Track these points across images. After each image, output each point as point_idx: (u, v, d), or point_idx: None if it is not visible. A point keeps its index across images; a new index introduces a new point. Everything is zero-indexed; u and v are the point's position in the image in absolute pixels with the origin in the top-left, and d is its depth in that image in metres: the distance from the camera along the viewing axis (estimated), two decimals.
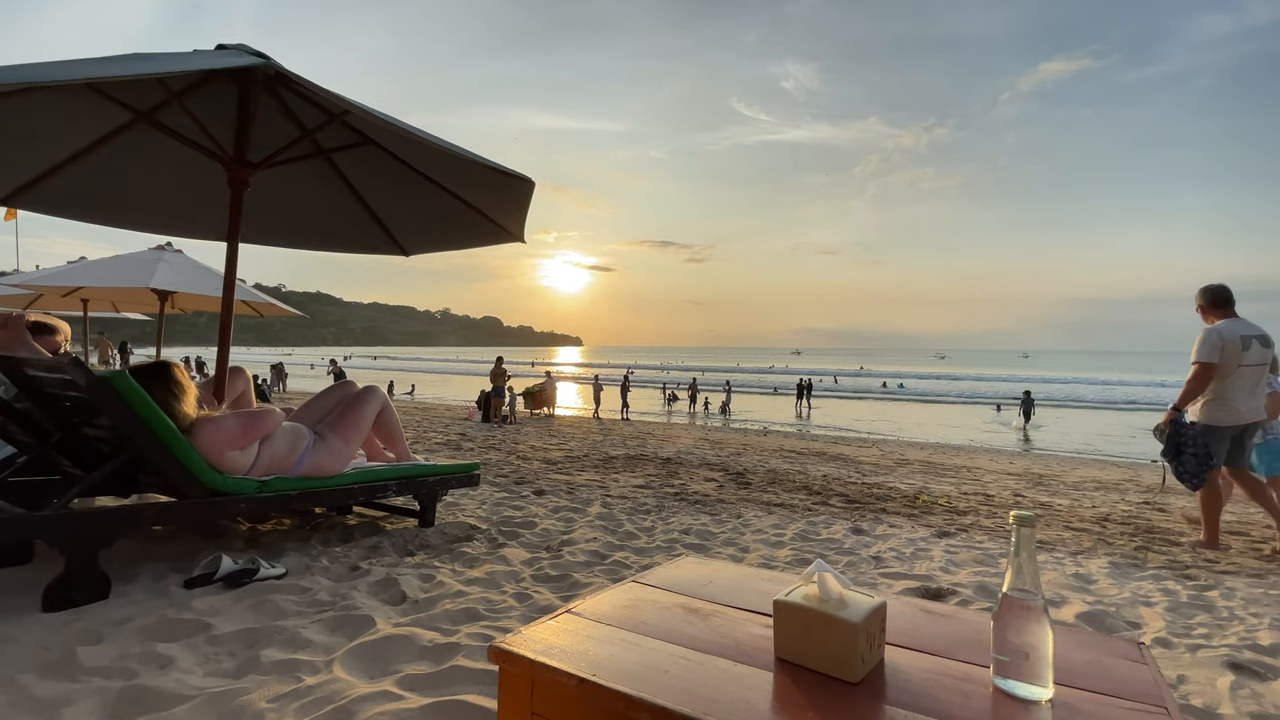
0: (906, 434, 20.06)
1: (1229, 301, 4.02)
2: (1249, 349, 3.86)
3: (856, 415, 26.78)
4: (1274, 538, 4.35)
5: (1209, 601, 2.93)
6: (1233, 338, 3.86)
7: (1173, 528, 4.99)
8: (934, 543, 3.91)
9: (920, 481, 7.64)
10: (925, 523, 4.57)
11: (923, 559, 3.49)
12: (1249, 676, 2.10)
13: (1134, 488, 8.51)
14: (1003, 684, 0.91)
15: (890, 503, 5.43)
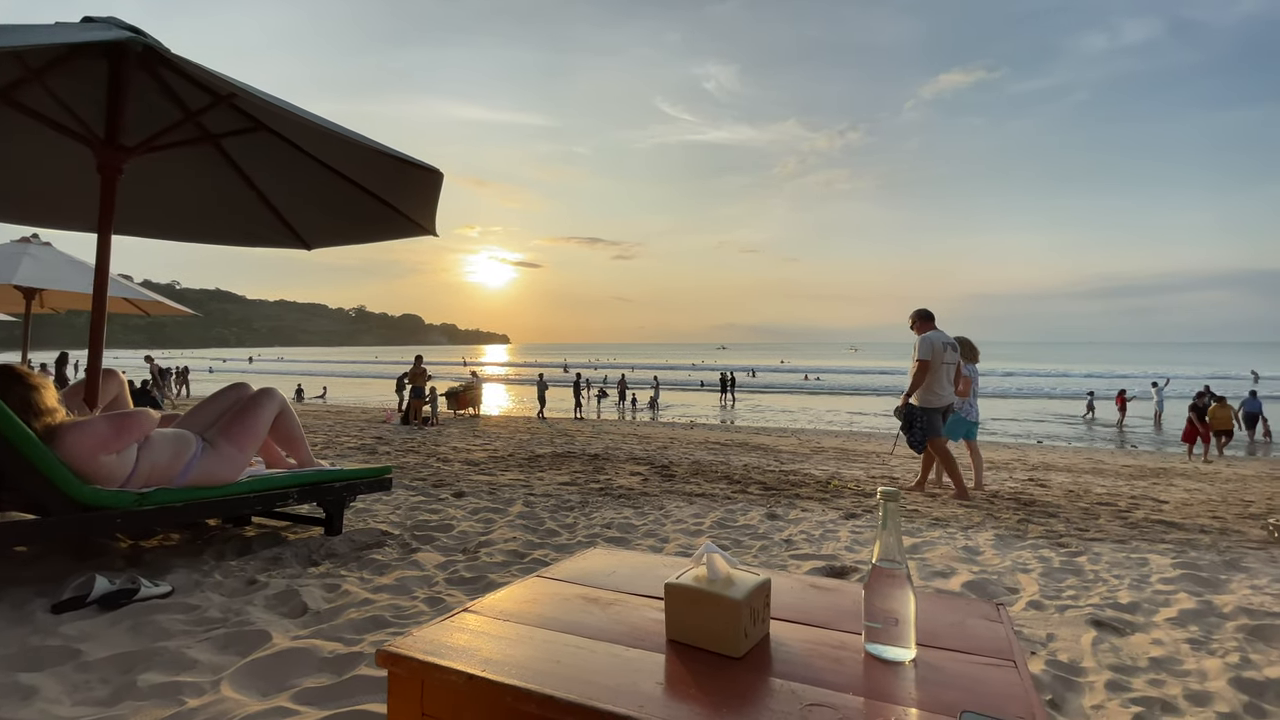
0: (823, 423, 21.00)
1: (932, 318, 5.68)
2: (948, 352, 5.51)
3: (778, 407, 27.78)
4: (948, 488, 5.97)
5: (1078, 566, 3.25)
6: (939, 343, 5.47)
7: (1051, 501, 5.49)
8: (842, 524, 4.11)
9: (833, 468, 8.02)
10: (835, 506, 4.80)
11: (830, 540, 3.67)
12: (1109, 632, 2.34)
13: (1020, 466, 9.29)
14: (873, 649, 0.97)
15: (804, 489, 5.67)
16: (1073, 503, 5.46)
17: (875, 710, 0.81)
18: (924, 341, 5.47)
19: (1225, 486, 7.64)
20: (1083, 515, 4.83)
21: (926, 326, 5.61)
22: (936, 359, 5.43)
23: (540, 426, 14.47)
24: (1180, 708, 1.78)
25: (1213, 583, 2.98)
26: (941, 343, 5.47)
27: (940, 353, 5.44)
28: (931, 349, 5.42)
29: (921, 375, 5.45)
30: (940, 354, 5.44)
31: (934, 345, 5.43)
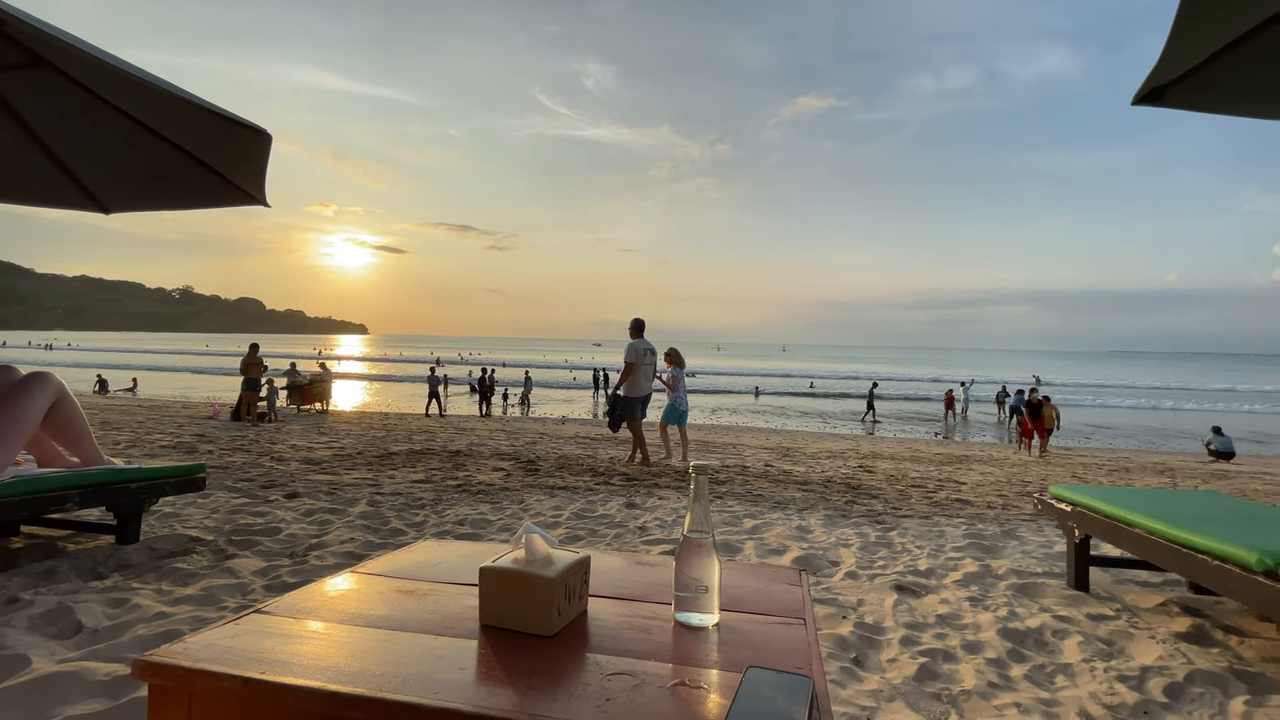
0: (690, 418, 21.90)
1: (641, 328, 7.26)
2: (647, 355, 7.16)
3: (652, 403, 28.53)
4: (663, 460, 7.72)
5: (890, 540, 3.66)
6: (641, 349, 7.12)
7: (875, 485, 6.15)
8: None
9: (692, 457, 8.39)
10: (689, 493, 5.01)
11: (680, 525, 3.82)
12: (908, 595, 2.66)
13: (853, 455, 10.31)
14: (681, 617, 1.02)
15: (663, 479, 5.86)
16: (891, 485, 6.16)
17: (670, 672, 0.84)
18: (629, 347, 7.10)
19: (1011, 470, 9.03)
20: (899, 496, 5.47)
21: (635, 335, 7.20)
22: (638, 361, 7.03)
23: (399, 423, 13.64)
24: (958, 656, 2.06)
25: (993, 549, 3.50)
26: (643, 348, 7.10)
27: (641, 356, 7.04)
28: (635, 353, 7.03)
29: (627, 373, 7.08)
30: (641, 357, 7.04)
31: (637, 350, 7.05)
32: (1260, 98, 2.26)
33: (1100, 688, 1.86)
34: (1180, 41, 1.83)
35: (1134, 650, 2.13)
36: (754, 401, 31.26)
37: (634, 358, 7.05)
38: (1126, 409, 32.51)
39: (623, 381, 7.19)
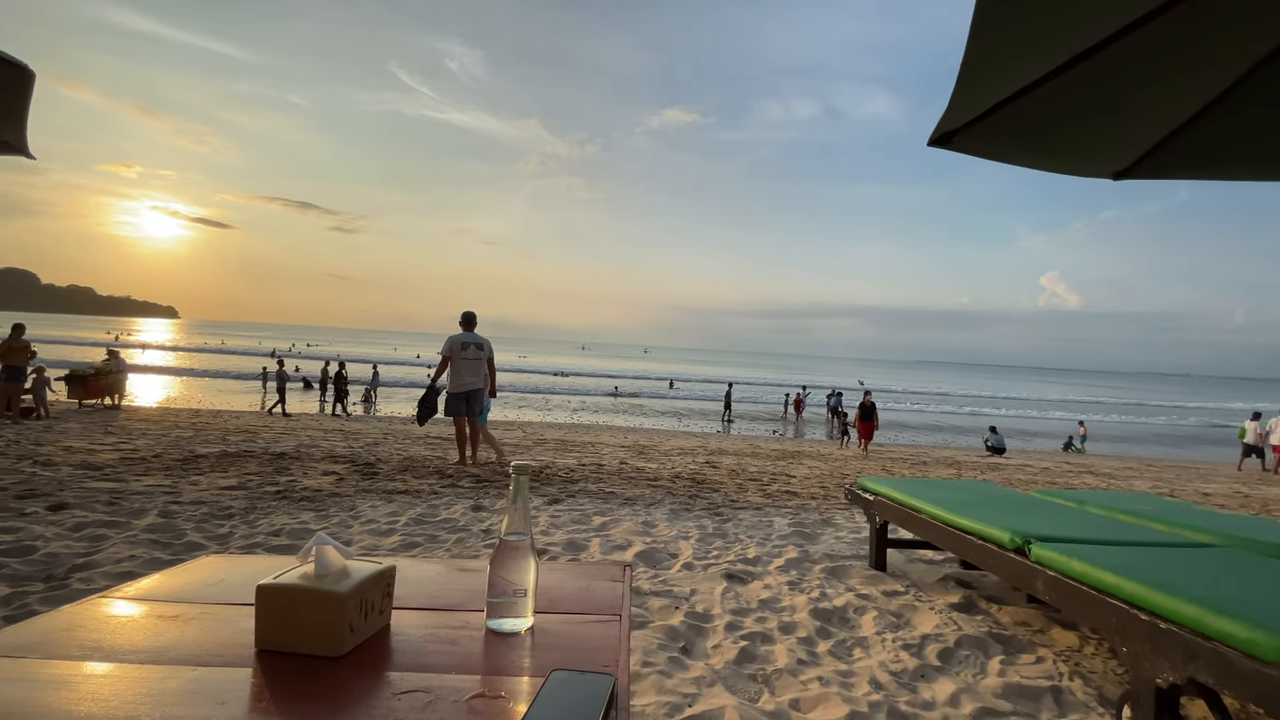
0: (551, 417, 21.70)
1: (469, 321, 6.94)
2: (467, 349, 6.80)
3: (513, 401, 27.83)
4: (496, 461, 7.37)
5: (725, 531, 3.89)
6: (458, 343, 6.77)
7: (718, 479, 6.52)
8: (543, 510, 4.25)
9: (551, 457, 8.31)
10: (542, 493, 4.95)
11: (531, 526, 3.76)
12: (737, 583, 2.83)
13: (703, 451, 10.86)
14: (492, 623, 0.98)
15: None
16: (732, 480, 6.56)
17: (472, 684, 0.80)
18: (447, 341, 6.84)
19: (834, 465, 10.03)
20: (737, 489, 5.84)
21: (465, 328, 6.90)
22: (453, 354, 6.76)
23: (212, 421, 12.01)
24: (775, 637, 2.23)
25: (812, 536, 3.84)
26: (461, 342, 6.78)
27: (459, 350, 6.76)
28: (449, 346, 6.78)
29: (442, 367, 6.80)
30: (459, 351, 6.76)
31: (451, 343, 6.77)
32: (1029, 149, 2.71)
33: (888, 656, 2.11)
34: (962, 95, 2.13)
35: (917, 621, 2.45)
36: (614, 400, 31.80)
37: (447, 351, 6.79)
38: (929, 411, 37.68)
39: (438, 375, 6.92)
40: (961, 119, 2.33)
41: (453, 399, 6.76)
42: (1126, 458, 17.14)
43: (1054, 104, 2.38)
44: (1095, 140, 2.66)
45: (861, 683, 1.91)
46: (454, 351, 6.76)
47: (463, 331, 6.87)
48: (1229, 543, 2.41)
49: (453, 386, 6.75)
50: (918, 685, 1.93)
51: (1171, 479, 11.16)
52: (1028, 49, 2.02)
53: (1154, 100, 2.49)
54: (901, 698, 1.84)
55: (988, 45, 1.87)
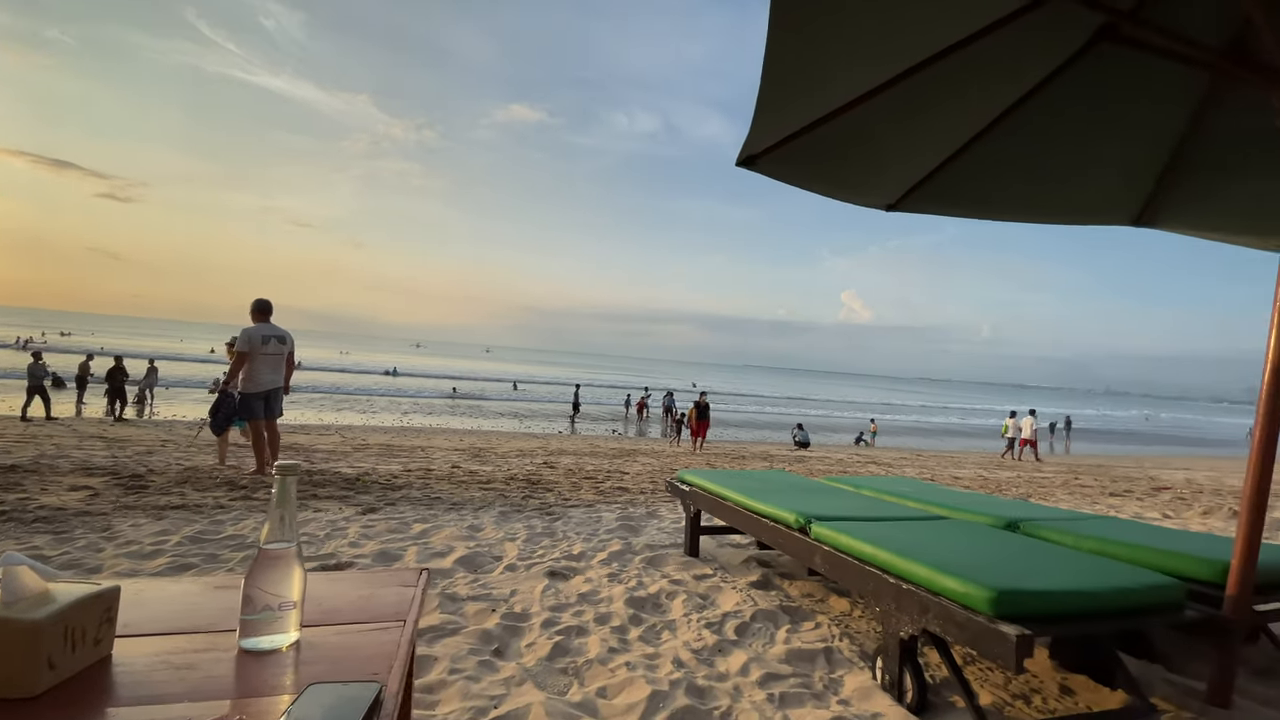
0: (377, 420, 20.09)
1: (266, 311, 6.10)
2: (268, 343, 5.98)
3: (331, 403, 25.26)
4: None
5: (554, 529, 3.90)
6: (257, 336, 5.92)
7: (554, 479, 6.51)
8: (355, 520, 3.93)
9: (372, 463, 7.70)
10: (356, 502, 4.57)
11: (337, 538, 3.45)
12: (559, 579, 2.85)
13: (542, 452, 10.79)
14: (246, 643, 0.88)
15: (327, 488, 5.24)
16: (568, 479, 6.60)
17: (210, 711, 0.72)
18: (243, 334, 5.98)
19: (666, 461, 10.53)
20: (572, 488, 5.89)
21: (257, 318, 6.07)
22: (254, 349, 5.92)
23: None
24: (590, 629, 2.28)
25: (637, 529, 4.00)
26: (261, 335, 5.97)
27: (259, 344, 5.94)
28: (248, 341, 5.90)
29: (238, 364, 5.96)
30: (259, 345, 5.94)
31: (251, 338, 5.90)
32: (817, 178, 3.07)
33: (692, 635, 2.27)
34: (760, 123, 2.36)
35: (721, 600, 2.66)
36: (452, 402, 30.36)
37: (246, 346, 5.92)
38: (751, 410, 41.11)
39: (234, 374, 6.07)
40: (762, 145, 2.58)
41: (251, 400, 5.98)
42: (904, 449, 20.15)
43: (837, 139, 2.73)
44: (870, 175, 3.09)
45: (665, 663, 2.02)
46: (254, 346, 5.94)
47: (261, 323, 6.06)
48: (959, 515, 2.94)
49: (251, 386, 5.97)
50: (715, 660, 2.09)
51: (934, 465, 13.33)
52: (814, 88, 2.30)
53: (915, 145, 2.96)
54: (700, 673, 1.98)
55: (778, 82, 2.09)
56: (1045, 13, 2.22)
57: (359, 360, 62.73)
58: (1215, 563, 2.13)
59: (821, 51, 2.05)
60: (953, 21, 2.13)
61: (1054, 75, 2.58)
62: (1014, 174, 3.16)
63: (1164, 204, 3.18)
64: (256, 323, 6.07)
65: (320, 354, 72.45)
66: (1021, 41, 2.37)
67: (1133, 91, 2.62)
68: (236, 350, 5.96)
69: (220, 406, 6.26)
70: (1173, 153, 2.90)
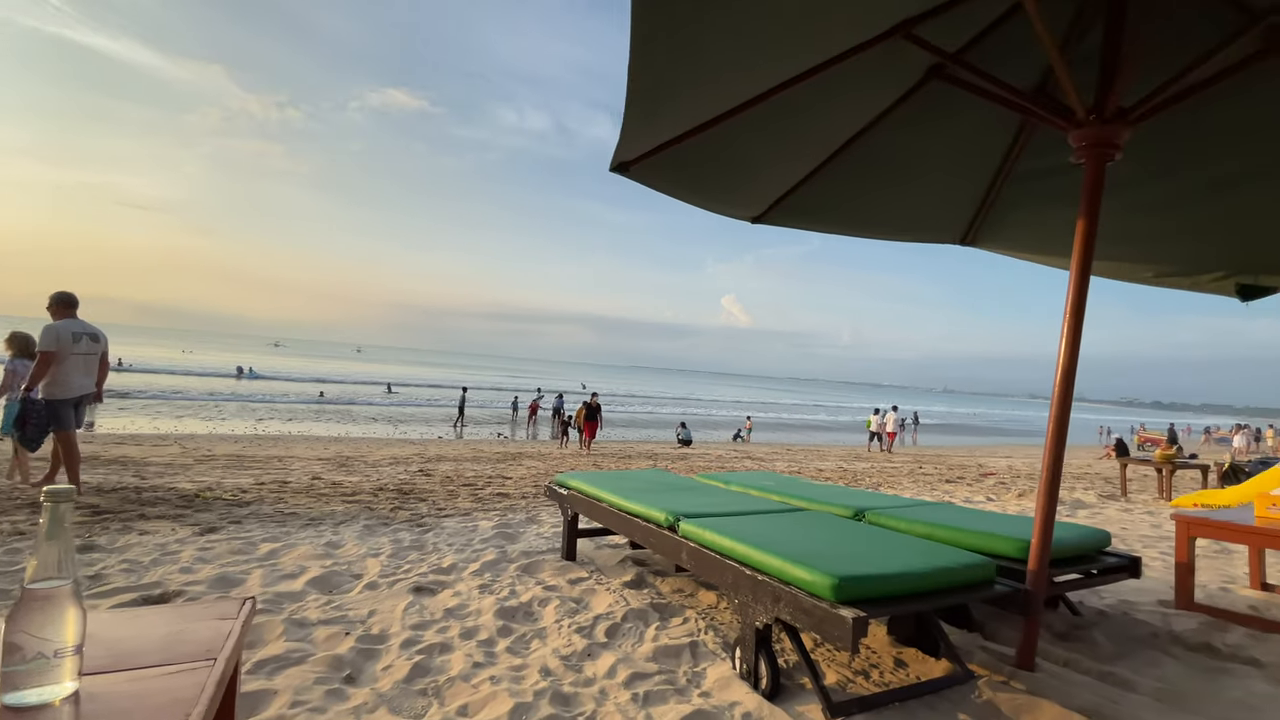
0: (226, 427, 18.08)
1: (71, 304, 5.32)
2: (79, 342, 5.24)
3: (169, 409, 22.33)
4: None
5: (424, 542, 3.71)
6: (66, 333, 5.16)
7: (428, 488, 6.22)
8: (191, 542, 3.51)
9: (218, 477, 6.91)
10: (194, 522, 4.08)
11: (166, 564, 3.05)
12: (425, 595, 2.72)
13: (419, 459, 10.27)
14: (10, 698, 0.75)
15: (159, 506, 4.63)
16: (445, 487, 6.33)
17: None
18: (47, 332, 5.17)
19: (553, 464, 10.42)
20: (448, 496, 5.65)
21: (61, 313, 5.28)
22: (65, 349, 5.18)
23: None
24: (454, 645, 2.19)
25: (514, 536, 3.91)
26: (72, 333, 5.22)
27: (70, 343, 5.20)
28: (56, 339, 5.13)
29: (42, 368, 5.12)
30: (70, 344, 5.20)
31: (60, 335, 5.15)
32: (687, 188, 3.17)
33: (562, 642, 2.25)
34: (629, 132, 2.39)
35: (594, 603, 2.67)
36: (318, 407, 28.02)
37: (54, 345, 5.07)
38: (640, 411, 41.83)
39: (38, 379, 5.14)
40: (633, 153, 2.62)
41: (60, 407, 5.17)
42: (775, 444, 21.44)
43: (705, 153, 2.83)
44: (736, 188, 3.24)
45: (532, 673, 1.99)
46: (63, 345, 5.15)
47: (67, 318, 5.24)
48: (815, 506, 3.17)
49: (60, 391, 5.17)
50: (584, 664, 2.09)
51: (801, 458, 14.31)
52: (680, 102, 2.37)
53: (777, 162, 3.15)
54: (567, 679, 1.97)
55: (643, 94, 2.13)
56: (884, 50, 2.44)
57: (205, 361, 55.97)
58: (1020, 541, 2.46)
59: (684, 69, 2.12)
60: (806, 49, 2.29)
61: (895, 106, 2.85)
62: (862, 194, 3.46)
63: (984, 227, 3.62)
64: (60, 318, 5.24)
65: (157, 353, 63.79)
66: (867, 73, 2.59)
67: (959, 125, 2.96)
68: (41, 349, 5.11)
69: (28, 417, 5.28)
70: (991, 181, 3.32)
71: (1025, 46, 2.53)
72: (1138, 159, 2.86)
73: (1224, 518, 3.04)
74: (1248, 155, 2.67)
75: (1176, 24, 2.30)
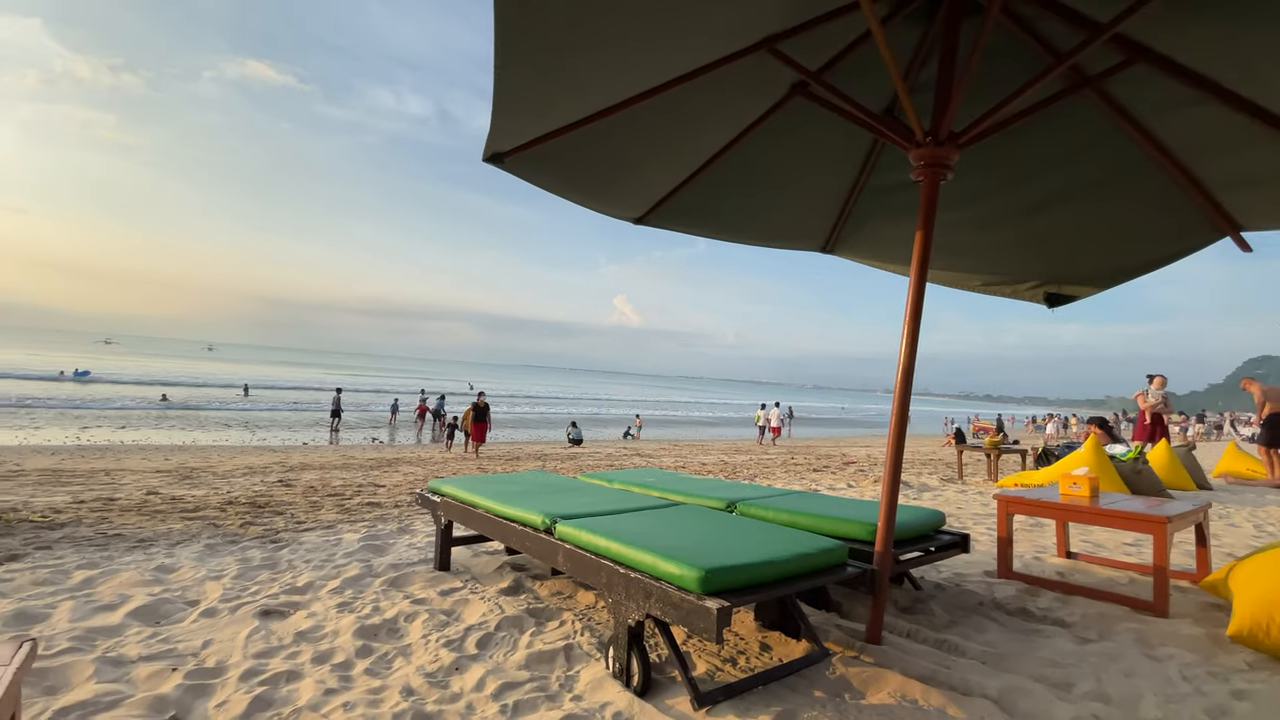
0: (40, 437, 15.50)
1: None
2: None
3: None
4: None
5: (277, 560, 3.38)
6: None
7: (287, 500, 5.69)
8: None
9: (28, 494, 5.89)
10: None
11: None
12: (274, 619, 2.47)
13: (279, 469, 9.39)
14: None
15: None
16: (307, 498, 5.82)
17: None
18: None
19: (433, 469, 9.94)
20: (310, 508, 5.20)
21: None
22: None
23: None
24: (305, 672, 2.00)
25: (383, 548, 3.67)
26: None
27: None
28: None
29: None
30: None
31: None
32: (567, 185, 3.13)
33: (428, 658, 2.13)
34: (501, 123, 2.32)
35: (466, 614, 2.56)
36: (159, 413, 24.78)
37: None
38: (531, 411, 41.10)
39: None
40: (508, 144, 2.54)
41: None
42: (664, 441, 21.95)
43: (584, 151, 2.81)
44: (616, 188, 3.25)
45: (392, 694, 1.87)
46: None
47: None
48: (692, 500, 3.26)
49: None
50: (450, 680, 2.00)
51: (687, 454, 14.76)
52: (554, 98, 2.33)
53: (656, 164, 3.19)
54: (431, 698, 1.87)
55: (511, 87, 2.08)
56: (753, 63, 2.55)
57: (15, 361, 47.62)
58: (870, 525, 2.67)
59: (555, 65, 2.08)
60: (678, 55, 2.33)
61: (764, 118, 2.99)
62: (736, 200, 3.60)
63: (842, 236, 3.90)
64: None
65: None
66: (739, 85, 2.69)
67: (822, 140, 3.16)
68: None
69: None
70: (848, 194, 3.58)
71: (878, 71, 2.75)
72: (968, 180, 3.21)
73: (1035, 496, 3.50)
74: (1054, 180, 3.08)
75: (999, 60, 2.59)
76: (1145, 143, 2.67)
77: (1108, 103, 2.59)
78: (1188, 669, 2.25)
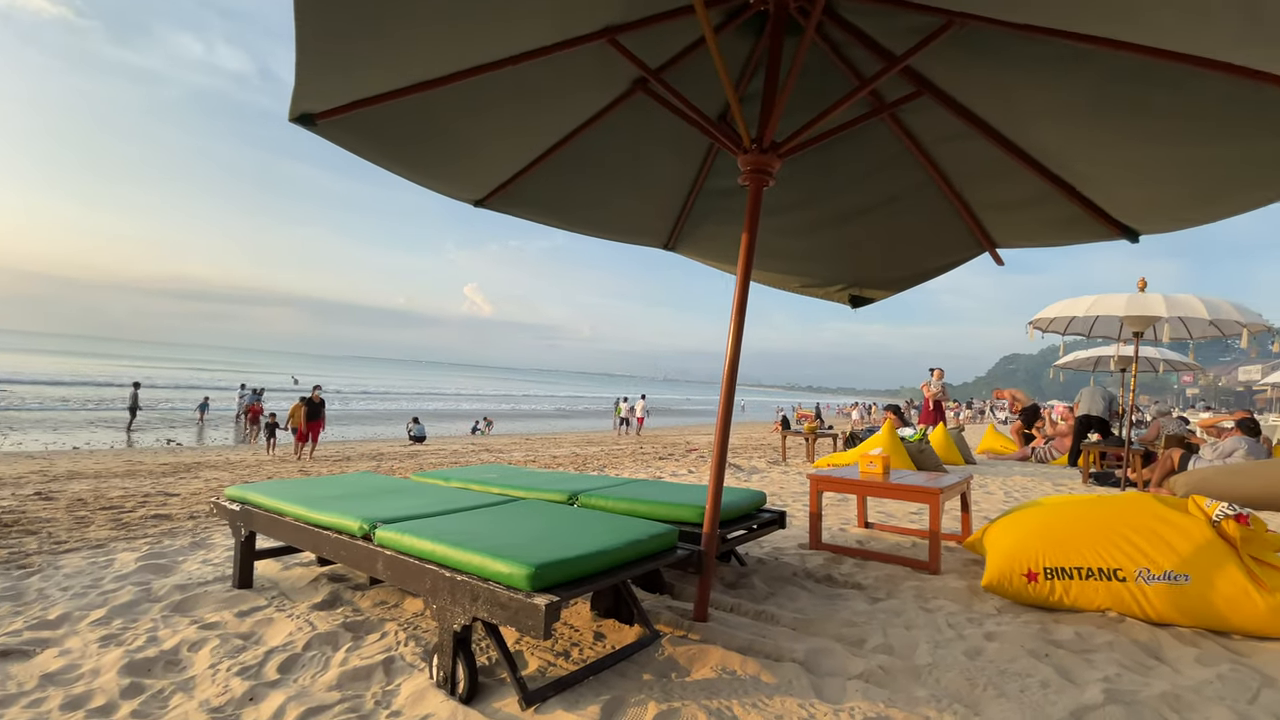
0: None
1: None
2: None
3: None
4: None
5: (24, 588, 2.77)
6: None
7: (46, 516, 4.70)
8: None
9: None
10: None
11: None
12: (14, 660, 2.01)
13: (38, 478, 7.74)
14: None
15: None
16: (72, 513, 4.85)
17: None
18: None
19: (242, 474, 8.79)
20: (76, 524, 4.34)
21: None
22: None
23: None
24: (55, 715, 1.65)
25: (168, 568, 3.16)
26: None
27: None
28: None
29: None
30: None
31: None
32: (396, 158, 2.88)
33: (215, 690, 1.86)
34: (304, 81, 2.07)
35: (269, 635, 2.28)
36: None
37: None
38: (364, 407, 37.98)
39: None
40: (320, 105, 2.29)
41: None
42: (516, 435, 21.53)
43: (411, 122, 2.61)
44: (450, 166, 3.07)
45: None
46: None
47: None
48: (534, 494, 3.20)
49: None
50: (241, 713, 1.76)
51: (538, 447, 14.60)
52: (374, 58, 2.13)
53: (495, 146, 3.06)
54: None
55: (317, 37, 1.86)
56: (595, 53, 2.53)
57: None
58: (699, 508, 2.81)
59: (376, 23, 1.91)
60: (511, 33, 2.24)
61: (608, 109, 2.99)
62: (581, 191, 3.59)
63: (682, 234, 4.06)
64: None
65: None
66: (582, 73, 2.66)
67: (664, 137, 3.24)
68: None
69: None
70: (688, 193, 3.72)
71: (716, 76, 2.87)
72: (789, 190, 3.49)
73: (839, 475, 3.92)
74: (859, 194, 3.45)
75: (821, 79, 2.83)
76: (929, 166, 3.09)
77: (900, 128, 2.95)
78: (952, 617, 2.65)
